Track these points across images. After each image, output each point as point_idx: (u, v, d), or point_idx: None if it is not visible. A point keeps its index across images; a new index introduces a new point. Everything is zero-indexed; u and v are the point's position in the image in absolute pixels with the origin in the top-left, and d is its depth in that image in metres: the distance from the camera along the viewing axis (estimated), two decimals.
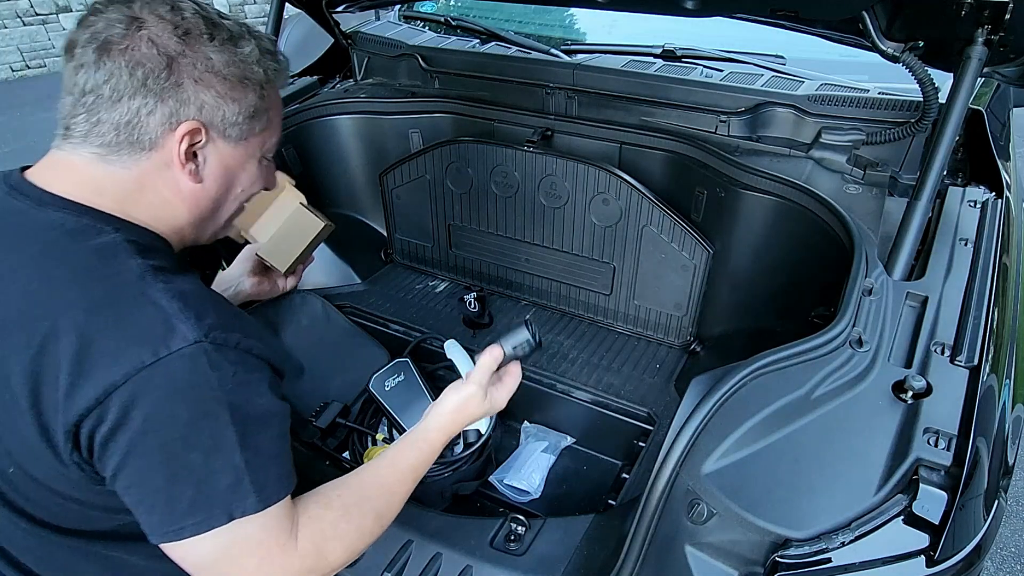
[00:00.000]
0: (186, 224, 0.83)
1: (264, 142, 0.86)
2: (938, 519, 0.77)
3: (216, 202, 0.84)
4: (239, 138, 0.81)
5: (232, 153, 0.81)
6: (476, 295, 1.87)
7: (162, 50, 0.72)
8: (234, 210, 0.89)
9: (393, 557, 1.03)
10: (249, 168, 0.85)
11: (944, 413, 0.88)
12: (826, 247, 1.31)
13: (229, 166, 0.82)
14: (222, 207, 0.86)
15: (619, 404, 1.60)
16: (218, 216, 0.87)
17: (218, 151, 0.80)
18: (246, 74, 0.78)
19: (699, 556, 0.85)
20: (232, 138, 0.80)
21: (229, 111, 0.77)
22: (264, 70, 0.80)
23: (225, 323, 0.71)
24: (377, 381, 1.65)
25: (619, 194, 1.66)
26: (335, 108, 1.98)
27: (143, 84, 0.72)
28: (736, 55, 1.75)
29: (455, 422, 0.97)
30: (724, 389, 0.90)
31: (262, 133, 0.84)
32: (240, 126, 0.80)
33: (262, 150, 0.86)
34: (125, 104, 0.72)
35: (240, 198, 0.88)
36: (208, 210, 0.84)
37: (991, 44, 1.16)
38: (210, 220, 0.86)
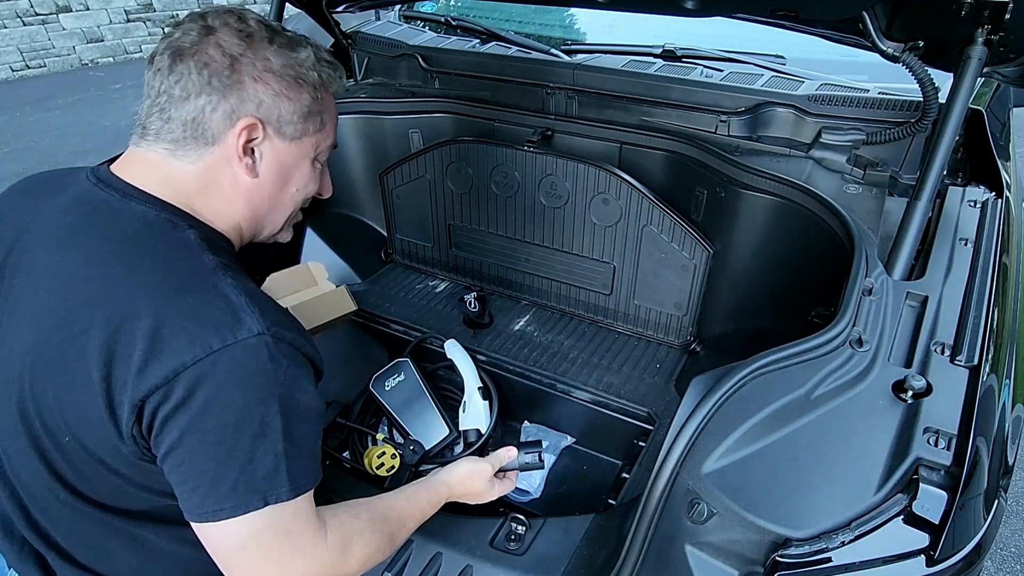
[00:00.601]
0: (243, 220, 0.88)
1: (318, 144, 0.90)
2: (938, 519, 0.77)
3: (272, 198, 0.89)
4: (294, 136, 0.86)
5: (287, 150, 0.86)
6: (476, 295, 1.87)
7: (227, 51, 0.79)
8: (290, 211, 0.94)
9: (394, 557, 1.03)
10: (303, 167, 0.90)
11: (944, 413, 0.88)
12: (826, 247, 1.31)
13: (284, 163, 0.87)
14: (277, 205, 0.91)
15: (619, 404, 1.60)
16: (274, 214, 0.91)
17: (274, 147, 0.85)
18: (301, 76, 0.83)
19: (699, 556, 0.85)
20: (287, 136, 0.85)
21: (285, 109, 0.83)
22: (319, 74, 0.85)
23: (282, 320, 0.76)
24: (377, 381, 1.65)
25: (619, 194, 1.66)
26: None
27: (208, 83, 0.78)
28: (736, 55, 1.75)
29: (461, 485, 1.05)
30: (724, 389, 0.90)
31: (316, 134, 0.89)
32: (295, 124, 0.85)
33: (316, 151, 0.90)
34: (192, 102, 0.78)
35: (295, 198, 0.92)
36: (264, 207, 0.89)
37: (991, 44, 1.16)
38: (265, 218, 0.91)
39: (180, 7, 7.40)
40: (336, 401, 1.65)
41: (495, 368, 1.73)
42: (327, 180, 0.99)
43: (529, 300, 1.99)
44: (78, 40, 6.91)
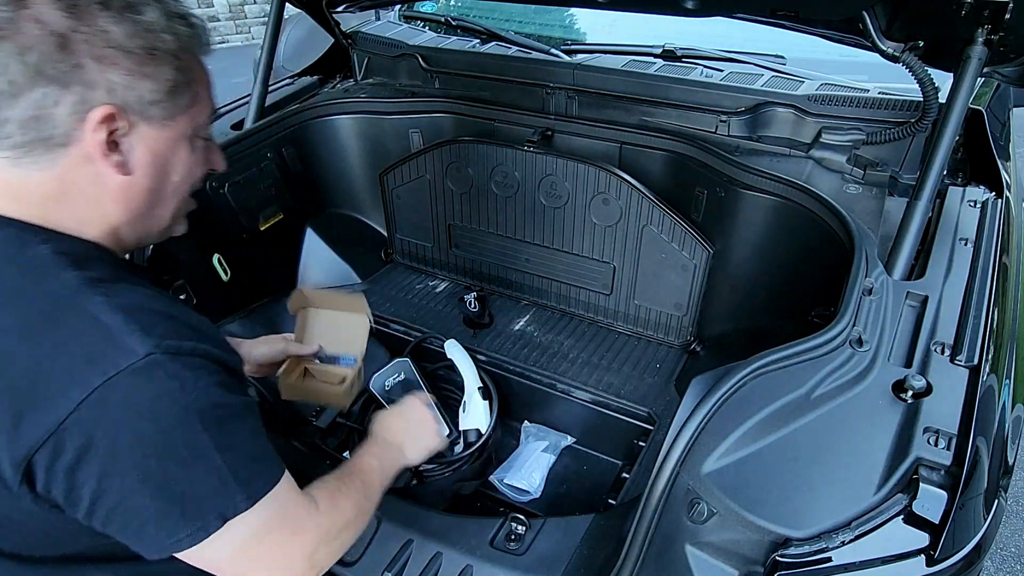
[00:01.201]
0: (122, 224, 0.75)
1: (195, 119, 0.77)
2: (938, 518, 0.77)
3: (153, 194, 0.76)
4: (164, 118, 0.72)
5: (160, 137, 0.73)
6: (476, 295, 1.87)
7: (52, 28, 0.63)
8: (178, 203, 0.81)
9: (393, 556, 1.03)
10: (182, 151, 0.77)
11: (944, 412, 0.88)
12: (826, 247, 1.31)
13: (159, 152, 0.74)
14: (161, 200, 0.78)
15: (619, 404, 1.60)
16: (159, 211, 0.79)
17: (143, 136, 0.71)
18: (154, 44, 0.68)
19: (699, 556, 0.85)
20: (156, 120, 0.71)
21: (145, 89, 0.68)
22: (176, 36, 0.70)
23: (177, 330, 0.67)
24: (377, 381, 1.65)
25: (619, 194, 1.66)
26: (335, 108, 1.98)
27: (38, 71, 0.63)
28: (736, 55, 1.75)
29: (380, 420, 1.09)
30: (724, 389, 0.90)
31: (190, 109, 0.75)
32: (162, 105, 0.71)
33: (194, 128, 0.77)
34: (26, 97, 0.63)
35: (180, 188, 0.80)
36: (145, 204, 0.76)
37: (991, 44, 1.16)
38: (149, 216, 0.78)
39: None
40: None
41: (495, 368, 1.73)
42: (216, 155, 0.86)
43: (529, 300, 1.99)
44: None
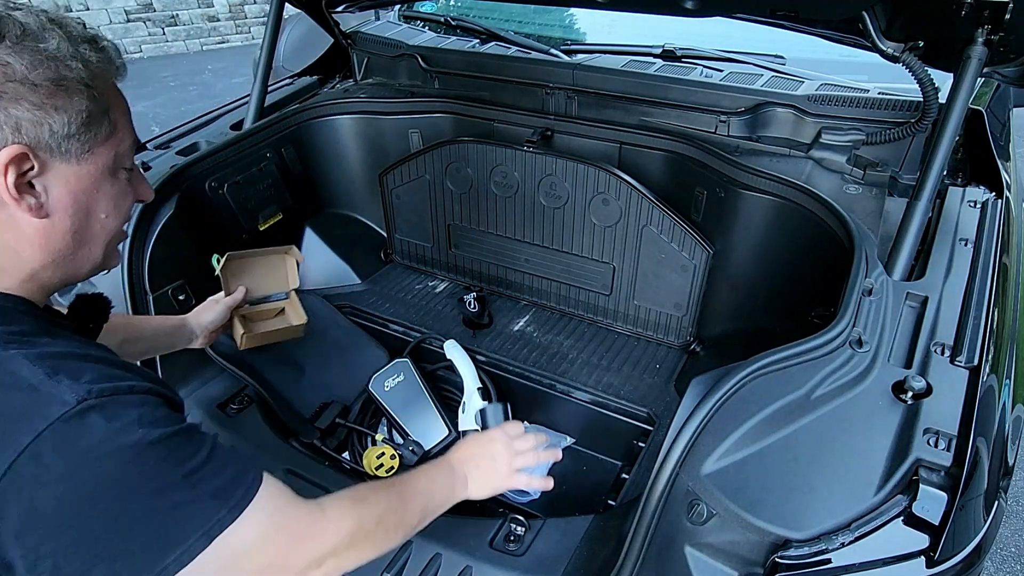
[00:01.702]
0: (42, 268, 0.71)
1: (115, 150, 0.72)
2: (938, 519, 0.77)
3: (76, 234, 0.71)
4: (81, 153, 0.68)
5: (78, 173, 0.68)
6: (476, 295, 1.87)
7: None
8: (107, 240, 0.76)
9: (393, 557, 1.03)
10: (105, 185, 0.72)
11: (944, 413, 0.88)
12: (826, 247, 1.31)
13: (80, 189, 0.69)
14: (87, 239, 0.73)
15: (619, 404, 1.60)
16: (86, 251, 0.74)
17: (60, 174, 0.67)
18: (62, 74, 0.64)
19: (699, 556, 0.85)
20: (72, 155, 0.67)
21: (56, 124, 0.64)
22: (85, 64, 0.66)
23: (108, 372, 0.65)
24: (377, 381, 1.65)
25: (619, 194, 1.66)
26: (335, 108, 1.98)
27: None
28: (736, 55, 1.75)
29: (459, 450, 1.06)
30: (724, 389, 0.90)
31: (109, 140, 0.71)
32: (77, 138, 0.66)
33: (115, 160, 0.72)
34: None
35: (108, 224, 0.75)
36: (68, 246, 0.71)
37: (991, 44, 1.16)
38: (74, 257, 0.73)
39: (180, 7, 7.40)
40: (336, 401, 1.65)
41: (495, 368, 1.73)
42: (143, 185, 0.81)
43: (529, 300, 1.99)
44: None
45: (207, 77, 6.78)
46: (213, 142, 1.74)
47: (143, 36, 7.32)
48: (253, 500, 0.68)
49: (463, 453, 1.06)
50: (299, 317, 1.52)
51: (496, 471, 1.06)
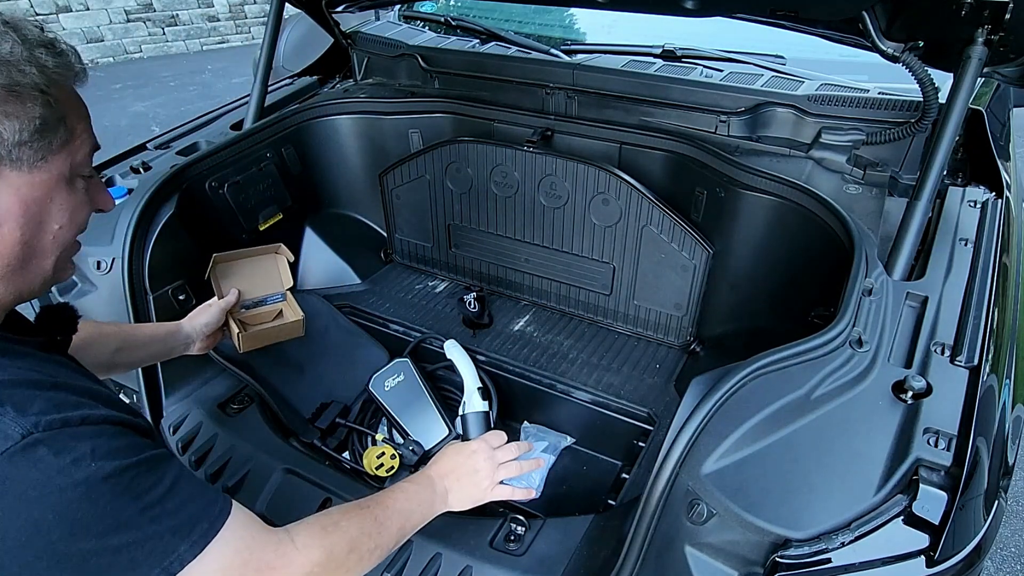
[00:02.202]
0: (13, 280, 0.68)
1: (72, 157, 0.69)
2: (938, 519, 0.77)
3: (26, 247, 0.67)
4: (34, 161, 0.64)
5: (29, 183, 0.65)
6: (476, 295, 1.87)
7: None
8: (59, 253, 0.72)
9: (393, 557, 1.03)
10: (60, 195, 0.68)
11: (944, 413, 0.88)
12: (826, 247, 1.31)
13: (31, 199, 0.65)
14: (38, 252, 0.69)
15: (619, 404, 1.60)
16: (37, 263, 0.70)
17: (10, 184, 0.64)
18: (14, 79, 0.61)
19: (699, 556, 0.85)
20: (24, 163, 0.64)
21: (7, 131, 0.61)
22: (40, 69, 0.63)
23: (62, 402, 0.62)
24: (377, 381, 1.65)
25: (619, 194, 1.66)
26: (335, 108, 1.98)
27: None
28: (736, 55, 1.75)
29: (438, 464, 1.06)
30: (724, 389, 0.90)
31: (65, 148, 0.67)
32: (29, 146, 0.63)
33: (72, 168, 0.69)
34: None
35: (62, 236, 0.71)
36: (17, 259, 0.67)
37: (991, 44, 1.16)
38: (25, 271, 0.69)
39: (180, 7, 7.40)
40: (336, 401, 1.65)
41: (495, 368, 1.73)
42: (102, 193, 0.77)
43: (529, 300, 1.99)
44: (78, 40, 6.90)
45: (207, 77, 6.79)
46: (213, 142, 1.74)
47: (143, 36, 7.32)
48: (218, 534, 0.67)
49: (443, 466, 1.04)
50: (296, 314, 1.52)
51: (477, 484, 1.05)
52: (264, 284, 1.51)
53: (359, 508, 0.86)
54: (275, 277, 1.53)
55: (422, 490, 0.97)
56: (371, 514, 0.85)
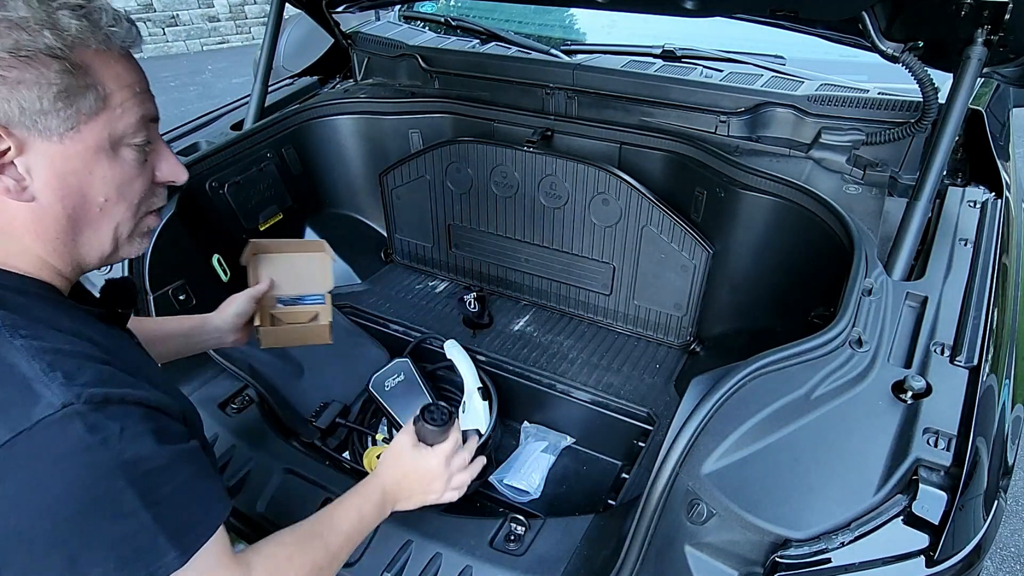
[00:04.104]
0: (47, 253, 0.67)
1: (111, 125, 0.65)
2: (938, 519, 0.77)
3: (72, 220, 0.66)
4: (64, 130, 0.62)
5: (62, 152, 0.63)
6: (476, 295, 1.87)
7: None
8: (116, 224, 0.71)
9: (393, 557, 1.03)
10: (101, 166, 0.66)
11: (944, 413, 0.88)
12: (826, 247, 1.31)
13: (66, 171, 0.64)
14: (87, 224, 0.68)
15: (619, 404, 1.60)
16: (88, 237, 0.69)
17: (42, 154, 0.62)
18: (22, 44, 0.58)
19: (699, 556, 0.85)
20: (54, 133, 0.62)
21: (27, 100, 0.59)
22: (54, 33, 0.59)
23: (108, 377, 0.62)
24: (377, 381, 1.65)
25: (619, 194, 1.66)
26: (335, 108, 1.98)
27: None
28: (736, 55, 1.76)
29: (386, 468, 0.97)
30: (724, 389, 0.90)
31: (100, 115, 0.64)
32: (56, 115, 0.61)
33: (113, 136, 0.66)
34: None
35: (113, 209, 0.69)
36: (64, 232, 0.67)
37: (991, 44, 1.16)
38: (77, 244, 0.69)
39: (180, 7, 7.40)
40: (336, 401, 1.65)
41: (495, 368, 1.73)
42: (167, 162, 0.74)
43: (529, 300, 1.99)
44: None
45: (207, 77, 6.79)
46: (213, 142, 1.74)
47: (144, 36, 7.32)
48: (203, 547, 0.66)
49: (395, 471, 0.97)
50: (327, 318, 1.39)
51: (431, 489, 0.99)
52: (306, 283, 1.40)
53: (311, 537, 0.82)
54: (319, 277, 1.41)
55: (374, 509, 0.92)
56: (323, 544, 0.82)
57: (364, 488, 0.94)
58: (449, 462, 1.01)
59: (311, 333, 1.37)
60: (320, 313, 1.36)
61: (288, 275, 1.37)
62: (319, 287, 1.39)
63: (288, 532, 0.81)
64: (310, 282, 1.39)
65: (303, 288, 1.39)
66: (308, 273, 1.39)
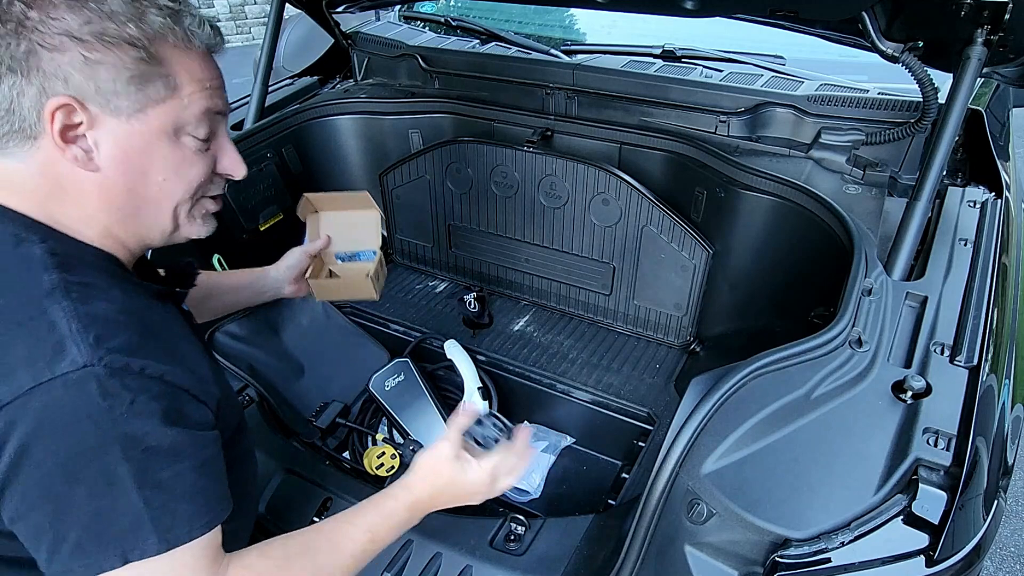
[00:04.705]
0: (111, 224, 0.72)
1: (176, 114, 0.71)
2: (937, 519, 0.77)
3: (133, 194, 0.72)
4: (131, 112, 0.68)
5: (128, 131, 0.68)
6: (476, 295, 1.87)
7: (8, 16, 0.62)
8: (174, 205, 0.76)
9: (393, 557, 1.03)
10: (161, 149, 0.71)
11: (944, 413, 0.88)
12: (826, 247, 1.31)
13: (129, 148, 0.69)
14: (145, 201, 0.73)
15: (619, 404, 1.60)
16: (147, 213, 0.74)
17: (111, 131, 0.68)
18: (106, 31, 0.64)
19: (699, 556, 0.85)
20: (123, 112, 0.67)
21: (103, 79, 0.65)
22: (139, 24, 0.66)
23: (139, 347, 0.64)
24: (377, 381, 1.65)
25: (619, 194, 1.66)
26: (335, 108, 1.98)
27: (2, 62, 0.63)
28: (736, 55, 1.76)
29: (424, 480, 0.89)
30: (724, 389, 0.90)
31: (166, 103, 0.70)
32: (127, 96, 0.67)
33: (176, 124, 0.71)
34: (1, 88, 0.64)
35: (171, 189, 0.74)
36: (126, 204, 0.72)
37: (990, 44, 1.16)
38: (137, 218, 0.74)
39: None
40: (336, 401, 1.65)
41: (495, 368, 1.73)
42: (228, 158, 0.79)
43: (529, 300, 1.99)
44: None
45: None
46: None
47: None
48: (189, 544, 0.65)
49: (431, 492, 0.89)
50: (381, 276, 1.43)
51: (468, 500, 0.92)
52: (360, 238, 1.45)
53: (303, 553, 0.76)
54: (371, 233, 1.45)
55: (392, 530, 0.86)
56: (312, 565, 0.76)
57: (387, 503, 0.86)
58: (496, 475, 0.92)
59: (359, 289, 1.40)
60: (374, 269, 1.40)
61: (344, 231, 1.43)
62: (371, 243, 1.44)
63: (279, 543, 0.76)
64: (364, 238, 1.45)
65: (357, 245, 1.45)
66: (362, 229, 1.45)
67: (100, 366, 0.60)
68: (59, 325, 0.62)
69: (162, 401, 0.64)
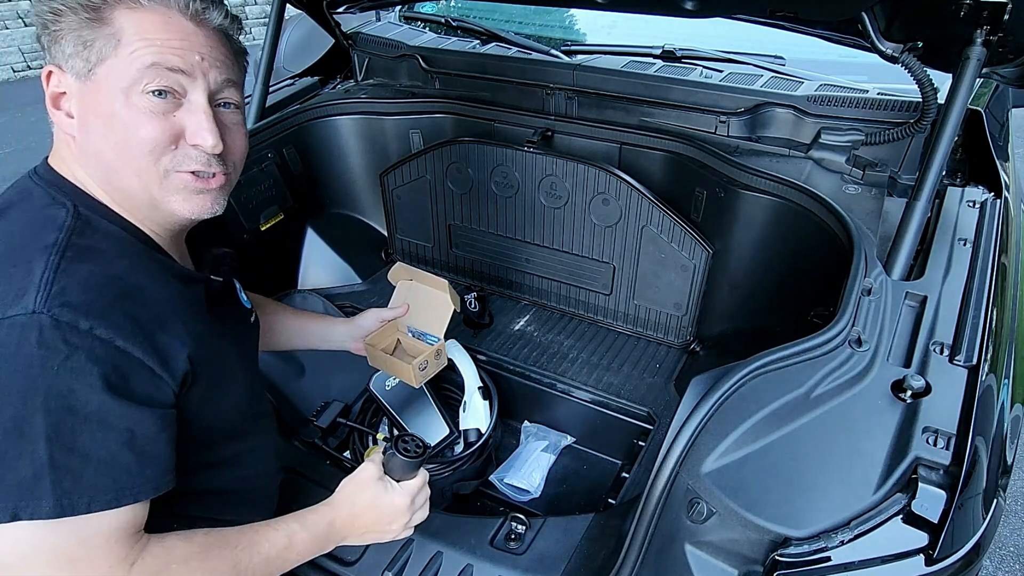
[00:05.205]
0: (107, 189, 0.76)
1: (123, 70, 0.71)
2: (937, 518, 0.77)
3: (100, 157, 0.74)
4: (84, 72, 0.72)
5: (83, 91, 0.73)
6: (476, 295, 1.88)
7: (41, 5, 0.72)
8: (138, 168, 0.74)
9: (394, 556, 1.03)
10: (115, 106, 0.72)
11: (943, 412, 0.89)
12: (825, 247, 1.31)
13: (87, 108, 0.73)
14: (110, 165, 0.74)
15: (619, 404, 1.60)
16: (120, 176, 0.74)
17: (74, 92, 0.73)
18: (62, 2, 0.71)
19: (699, 555, 0.85)
20: (80, 73, 0.72)
21: (65, 44, 0.71)
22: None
23: (94, 308, 0.63)
24: (378, 381, 1.66)
25: (619, 194, 1.67)
26: (336, 108, 1.98)
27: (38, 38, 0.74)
28: (735, 55, 1.76)
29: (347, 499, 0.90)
30: (724, 389, 0.91)
31: (110, 59, 0.71)
32: (78, 57, 0.71)
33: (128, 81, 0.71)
34: None
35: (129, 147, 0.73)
36: (99, 167, 0.75)
37: (990, 44, 1.16)
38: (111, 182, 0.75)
39: None
40: (337, 400, 1.65)
41: (495, 368, 1.73)
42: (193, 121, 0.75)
43: (529, 300, 1.99)
44: None
45: None
46: None
47: None
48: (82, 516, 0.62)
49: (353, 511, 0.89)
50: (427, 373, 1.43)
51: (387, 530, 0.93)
52: (431, 321, 1.45)
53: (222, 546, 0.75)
54: (441, 320, 1.44)
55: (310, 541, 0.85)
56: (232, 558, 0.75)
57: (309, 515, 0.86)
58: (414, 501, 0.94)
59: (404, 373, 1.41)
60: (425, 355, 1.39)
61: (422, 309, 1.45)
62: (438, 330, 1.44)
63: (203, 532, 0.75)
64: (434, 323, 1.44)
65: (427, 325, 1.45)
66: (435, 313, 1.45)
67: (47, 315, 0.61)
68: (34, 275, 0.63)
69: (103, 365, 0.63)
